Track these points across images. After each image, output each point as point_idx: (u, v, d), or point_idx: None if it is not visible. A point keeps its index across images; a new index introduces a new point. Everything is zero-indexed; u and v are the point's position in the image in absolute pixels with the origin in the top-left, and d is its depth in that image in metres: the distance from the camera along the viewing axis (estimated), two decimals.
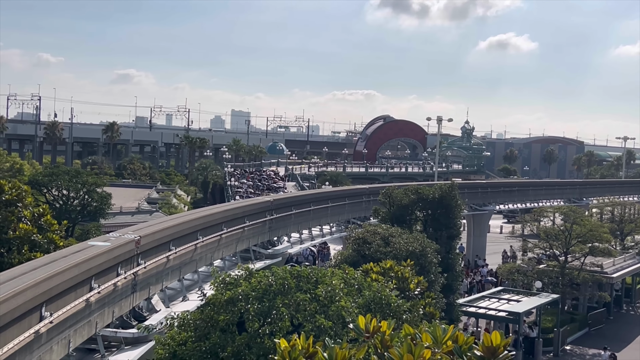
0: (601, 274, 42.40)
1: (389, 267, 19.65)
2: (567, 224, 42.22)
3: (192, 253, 23.93)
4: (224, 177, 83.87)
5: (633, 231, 53.60)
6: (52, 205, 39.16)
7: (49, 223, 23.53)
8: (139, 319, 19.69)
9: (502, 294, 38.14)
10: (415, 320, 15.87)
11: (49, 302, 14.81)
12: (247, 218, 29.27)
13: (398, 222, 31.00)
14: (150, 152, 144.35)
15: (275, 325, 13.31)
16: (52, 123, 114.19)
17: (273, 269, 15.17)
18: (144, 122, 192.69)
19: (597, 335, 41.21)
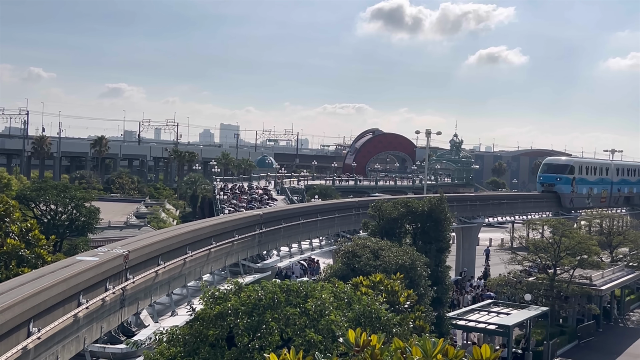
0: (590, 286, 42.52)
1: (378, 281, 19.62)
2: (556, 237, 42.35)
3: (181, 267, 23.83)
4: (213, 191, 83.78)
5: (621, 243, 53.82)
6: (40, 220, 38.97)
7: (37, 238, 23.40)
8: (128, 335, 19.57)
9: (491, 307, 38.14)
10: (405, 333, 15.84)
11: (36, 317, 14.70)
12: (236, 232, 29.19)
13: (387, 235, 30.99)
14: (139, 166, 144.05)
15: (265, 340, 13.26)
16: (40, 137, 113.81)
17: (262, 283, 15.12)
18: (133, 136, 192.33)
19: (587, 348, 41.27)
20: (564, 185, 72.29)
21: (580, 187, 74.00)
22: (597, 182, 78.34)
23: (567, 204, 72.20)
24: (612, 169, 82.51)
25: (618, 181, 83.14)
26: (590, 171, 77.58)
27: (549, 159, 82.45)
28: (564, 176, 72.36)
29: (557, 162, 77.75)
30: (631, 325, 47.92)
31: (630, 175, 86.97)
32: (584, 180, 75.09)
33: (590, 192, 76.44)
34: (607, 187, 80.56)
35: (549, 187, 72.89)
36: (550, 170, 74.30)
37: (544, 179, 74.11)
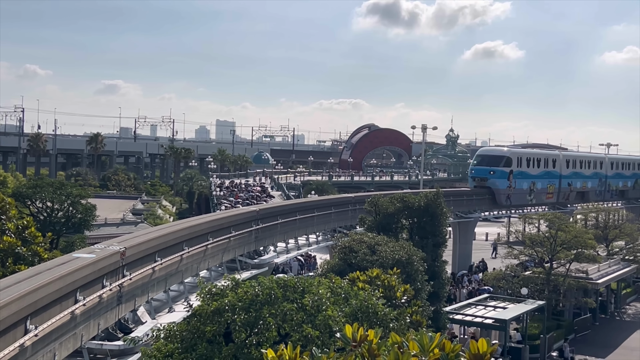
0: (586, 280, 42.63)
1: (375, 276, 19.65)
2: (552, 231, 42.44)
3: (178, 264, 23.85)
4: (209, 187, 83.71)
5: (617, 237, 53.94)
6: (36, 218, 38.90)
7: (33, 235, 23.38)
8: (125, 331, 19.59)
9: (488, 301, 38.23)
10: (402, 328, 15.87)
11: (33, 315, 14.70)
12: (233, 228, 29.22)
13: (384, 230, 31.03)
14: (135, 163, 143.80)
15: (262, 336, 13.27)
16: (36, 135, 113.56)
17: (259, 278, 15.14)
18: (129, 133, 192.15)
19: (583, 341, 41.39)
20: (499, 180, 62.73)
21: (519, 181, 64.45)
22: (541, 175, 68.38)
23: (503, 201, 63.44)
24: (560, 161, 71.72)
25: (569, 174, 72.91)
26: (532, 163, 67.11)
27: (483, 149, 73.25)
28: (499, 169, 62.71)
29: (491, 153, 66.99)
30: (627, 319, 48.07)
31: (584, 168, 76.13)
32: (525, 173, 65.46)
33: (533, 187, 66.69)
34: (554, 181, 70.48)
35: (481, 181, 63.58)
36: (483, 162, 64.48)
37: (476, 172, 64.48)
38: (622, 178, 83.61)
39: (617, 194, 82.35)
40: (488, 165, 63.09)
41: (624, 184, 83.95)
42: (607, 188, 79.94)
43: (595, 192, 77.28)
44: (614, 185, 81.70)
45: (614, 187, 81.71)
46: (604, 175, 79.16)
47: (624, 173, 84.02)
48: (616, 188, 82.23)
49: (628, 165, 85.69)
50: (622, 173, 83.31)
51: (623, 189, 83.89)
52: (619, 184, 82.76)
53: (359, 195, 48.77)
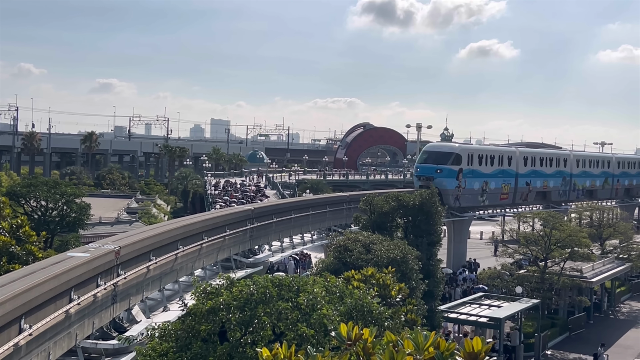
0: (581, 278, 42.72)
1: (370, 275, 19.65)
2: (546, 229, 42.51)
3: (172, 263, 23.82)
4: (204, 186, 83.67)
5: (612, 235, 54.06)
6: (31, 217, 38.84)
7: (28, 234, 23.35)
8: (120, 330, 19.56)
9: (483, 300, 38.27)
10: (397, 327, 15.88)
11: (28, 314, 14.67)
12: (227, 227, 29.21)
13: (379, 229, 31.05)
14: (130, 161, 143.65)
15: (257, 335, 13.26)
16: (30, 133, 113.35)
17: (254, 277, 15.13)
18: (123, 131, 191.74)
19: (578, 340, 41.48)
20: (447, 179, 55.80)
21: (470, 180, 57.56)
22: (495, 174, 61.30)
23: (451, 202, 55.93)
24: (516, 159, 64.65)
25: (526, 173, 65.97)
26: (485, 161, 59.97)
27: (430, 145, 64.33)
28: (446, 167, 55.94)
29: (438, 150, 59.43)
30: (621, 317, 48.18)
31: (545, 166, 68.93)
32: (476, 172, 58.67)
33: (485, 187, 59.54)
34: (509, 180, 63.44)
35: (426, 181, 55.01)
36: (429, 159, 57.18)
37: (422, 170, 56.97)
38: (590, 177, 77.07)
39: (583, 194, 75.44)
40: (435, 163, 56.19)
41: (591, 183, 77.43)
42: (572, 187, 73.25)
43: (558, 192, 70.87)
44: (580, 185, 74.83)
45: (580, 186, 74.82)
46: (569, 173, 72.44)
47: (592, 171, 77.45)
48: (583, 187, 75.33)
49: (596, 163, 79.22)
50: (589, 171, 76.77)
51: (591, 188, 77.25)
52: (586, 183, 76.00)
53: (354, 194, 48.84)
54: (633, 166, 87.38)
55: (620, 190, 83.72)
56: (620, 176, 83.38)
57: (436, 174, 55.38)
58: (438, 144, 69.82)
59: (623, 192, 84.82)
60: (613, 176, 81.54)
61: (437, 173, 55.47)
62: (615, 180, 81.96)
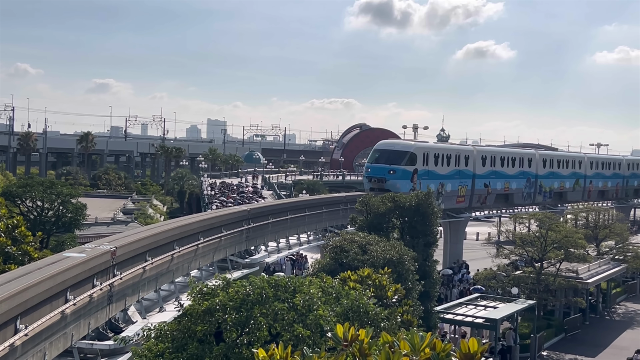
0: (576, 279, 42.78)
1: (366, 275, 19.67)
2: (542, 230, 42.57)
3: (168, 263, 23.80)
4: (200, 186, 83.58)
5: (607, 237, 54.14)
6: (26, 217, 38.76)
7: (23, 235, 23.31)
8: (116, 331, 19.53)
9: (479, 301, 38.30)
10: (393, 328, 15.89)
11: (23, 314, 14.65)
12: (224, 227, 29.18)
13: (375, 230, 31.06)
14: (126, 162, 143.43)
15: (253, 335, 13.27)
16: (26, 133, 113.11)
17: (250, 278, 15.13)
18: (119, 132, 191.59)
19: (574, 341, 41.54)
20: (400, 181, 50.25)
21: (425, 182, 51.36)
22: (451, 175, 56.19)
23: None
24: (474, 158, 59.08)
25: (485, 174, 60.36)
26: (442, 160, 55.05)
27: (382, 142, 57.61)
28: (400, 168, 50.70)
29: (391, 148, 53.75)
30: (617, 318, 48.25)
31: (507, 167, 63.42)
32: (432, 173, 53.54)
33: (441, 189, 53.98)
34: (466, 181, 57.93)
35: (378, 183, 50.72)
36: (382, 159, 51.88)
37: (373, 171, 51.82)
38: (558, 178, 72.02)
39: (551, 196, 70.83)
40: (387, 163, 50.99)
41: (560, 184, 72.38)
42: (539, 189, 68.41)
43: (521, 195, 65.79)
44: (547, 186, 69.89)
45: (547, 188, 69.92)
46: (534, 174, 67.41)
47: (561, 172, 72.40)
48: (550, 189, 70.44)
49: (565, 163, 73.80)
50: (557, 172, 71.72)
51: (559, 190, 72.56)
52: (553, 184, 71.04)
53: (350, 195, 48.75)
54: (608, 167, 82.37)
55: (593, 192, 78.78)
56: (593, 177, 78.63)
57: (389, 175, 50.56)
58: (391, 141, 61.35)
59: (597, 194, 79.90)
60: (585, 177, 76.74)
61: (390, 174, 50.56)
62: (587, 182, 77.15)
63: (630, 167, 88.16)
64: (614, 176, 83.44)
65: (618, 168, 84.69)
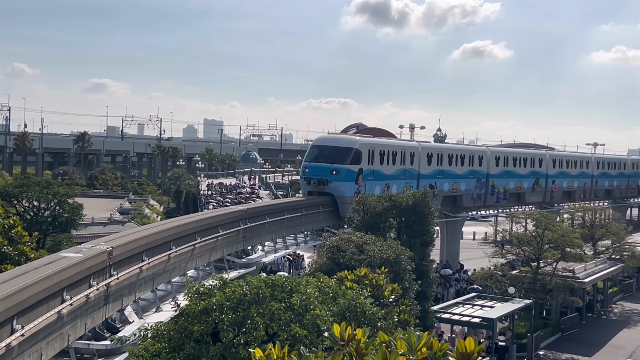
0: (573, 279, 42.84)
1: (363, 275, 19.68)
2: (539, 230, 42.62)
3: (165, 263, 23.78)
4: (197, 186, 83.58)
5: (604, 236, 54.22)
6: (23, 217, 38.71)
7: (20, 235, 23.28)
8: (112, 331, 19.51)
9: (475, 300, 38.36)
10: (390, 327, 15.90)
11: (20, 314, 14.62)
12: (220, 227, 29.16)
13: (372, 229, 31.06)
14: (122, 162, 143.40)
15: (250, 335, 13.26)
16: (22, 133, 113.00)
17: (247, 278, 15.12)
18: (116, 131, 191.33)
19: (570, 340, 41.60)
20: (345, 183, 43.33)
21: (370, 184, 45.18)
22: (397, 175, 49.32)
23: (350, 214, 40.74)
24: (419, 155, 52.30)
25: (431, 173, 53.49)
26: (387, 158, 48.21)
27: (322, 138, 50.65)
28: (344, 168, 43.45)
29: (333, 144, 45.69)
30: (614, 318, 48.33)
31: (455, 165, 56.55)
32: (378, 173, 46.78)
33: (387, 191, 44.54)
34: (412, 182, 50.46)
35: (318, 186, 43.67)
36: (321, 157, 44.34)
37: (312, 172, 44.17)
38: (515, 178, 64.79)
39: (505, 197, 63.77)
40: (328, 162, 43.43)
41: (517, 185, 65.17)
42: (491, 190, 61.33)
43: (471, 196, 58.61)
44: (501, 187, 62.52)
45: (501, 189, 62.61)
46: (485, 173, 60.18)
47: (518, 172, 65.10)
48: (505, 190, 63.13)
49: (523, 161, 66.26)
50: (514, 172, 64.43)
51: (516, 191, 65.50)
52: (508, 185, 63.72)
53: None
54: (573, 165, 74.90)
55: (557, 193, 71.78)
56: (556, 177, 71.40)
57: (331, 177, 43.14)
58: (332, 136, 52.35)
59: (561, 195, 72.76)
60: (547, 177, 69.61)
61: (332, 175, 43.16)
62: (549, 182, 70.08)
63: (600, 166, 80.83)
64: (581, 175, 76.26)
65: (586, 167, 77.51)
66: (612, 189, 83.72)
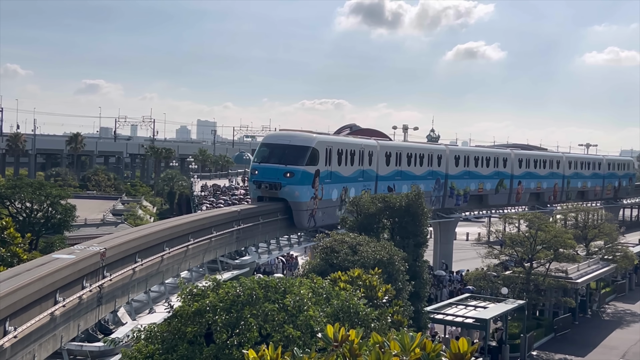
0: (566, 279, 42.92)
1: (357, 276, 19.68)
2: (532, 231, 42.70)
3: (158, 264, 23.74)
4: (190, 187, 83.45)
5: (596, 237, 54.33)
6: (15, 218, 38.61)
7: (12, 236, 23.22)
8: (105, 332, 19.47)
9: (469, 301, 38.40)
10: (384, 328, 15.91)
11: (13, 316, 14.58)
12: (214, 228, 29.13)
13: (365, 230, 31.07)
14: (115, 163, 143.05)
15: (244, 336, 13.25)
16: (15, 135, 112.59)
17: (241, 279, 15.11)
18: (109, 132, 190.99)
19: (563, 341, 41.68)
20: (301, 187, 38.27)
21: (328, 187, 40.50)
22: (355, 177, 44.32)
23: (305, 222, 38.96)
24: (377, 155, 47.35)
25: (389, 174, 49.08)
26: (345, 158, 42.99)
27: (272, 135, 46.05)
28: (300, 169, 38.32)
29: (286, 142, 39.88)
30: (606, 318, 48.44)
31: (414, 165, 51.95)
32: (336, 175, 41.62)
33: (344, 195, 42.03)
34: (369, 184, 45.96)
35: (270, 190, 38.33)
36: (274, 157, 39.02)
37: (262, 174, 38.63)
38: (476, 178, 59.93)
39: (466, 199, 58.91)
40: (281, 163, 38.34)
41: (478, 186, 60.32)
42: (450, 192, 56.75)
43: (429, 199, 51.26)
44: (461, 189, 57.77)
45: (461, 190, 57.82)
46: (443, 174, 55.62)
47: (479, 172, 60.23)
48: (465, 192, 58.32)
49: (486, 161, 61.42)
50: (475, 172, 59.59)
51: (478, 193, 60.56)
52: (469, 186, 58.89)
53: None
54: (542, 165, 70.18)
55: (523, 195, 67.15)
56: (523, 177, 66.88)
57: (285, 180, 37.96)
58: (285, 133, 43.22)
59: (527, 197, 68.22)
60: (512, 177, 64.99)
61: (286, 178, 38.00)
62: (515, 183, 65.58)
63: (573, 166, 76.17)
64: (550, 176, 71.80)
65: (556, 167, 73.11)
66: (585, 190, 79.08)
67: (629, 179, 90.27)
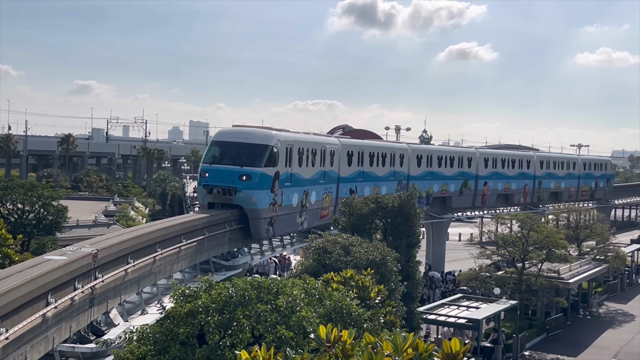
0: (558, 279, 43.05)
1: (349, 277, 19.68)
2: (524, 231, 42.81)
3: (150, 266, 23.69)
4: (182, 188, 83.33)
5: (588, 237, 54.51)
6: (7, 220, 38.44)
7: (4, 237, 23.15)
8: (97, 334, 19.41)
9: (461, 301, 38.47)
10: (376, 328, 15.91)
11: (4, 318, 14.53)
12: (206, 230, 29.07)
13: (358, 231, 31.09)
14: (107, 164, 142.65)
15: (236, 337, 13.24)
16: (6, 136, 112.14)
17: (233, 280, 15.10)
18: (101, 134, 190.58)
19: (555, 341, 41.81)
20: (258, 192, 33.19)
21: (288, 191, 35.94)
22: (316, 179, 39.94)
23: (263, 232, 33.99)
24: (339, 154, 43.00)
25: (351, 176, 44.56)
26: (306, 159, 38.61)
27: (225, 131, 37.71)
28: (257, 171, 33.28)
29: (241, 140, 34.58)
30: (599, 318, 48.60)
31: (376, 166, 47.86)
32: (296, 178, 37.07)
33: (305, 200, 38.28)
34: (331, 187, 42.08)
35: (223, 196, 32.93)
36: (226, 157, 34.02)
37: (214, 176, 33.28)
38: (439, 180, 56.26)
39: (428, 202, 54.72)
40: (236, 164, 33.38)
41: (442, 187, 56.69)
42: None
43: None
44: (423, 190, 53.53)
45: (423, 192, 53.59)
46: (405, 175, 51.75)
47: (442, 172, 56.58)
48: (428, 194, 54.57)
49: (449, 161, 57.69)
50: (438, 173, 55.93)
51: (441, 195, 56.86)
52: (432, 188, 55.23)
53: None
54: (510, 165, 66.20)
55: (490, 196, 63.41)
56: (489, 178, 62.73)
57: (241, 183, 32.80)
58: (240, 129, 37.95)
59: (495, 198, 64.78)
60: (477, 178, 60.94)
61: (241, 181, 32.84)
62: (481, 184, 61.56)
63: (545, 165, 72.33)
64: (520, 176, 67.75)
65: (527, 167, 68.81)
66: (559, 192, 75.37)
67: (607, 180, 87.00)
